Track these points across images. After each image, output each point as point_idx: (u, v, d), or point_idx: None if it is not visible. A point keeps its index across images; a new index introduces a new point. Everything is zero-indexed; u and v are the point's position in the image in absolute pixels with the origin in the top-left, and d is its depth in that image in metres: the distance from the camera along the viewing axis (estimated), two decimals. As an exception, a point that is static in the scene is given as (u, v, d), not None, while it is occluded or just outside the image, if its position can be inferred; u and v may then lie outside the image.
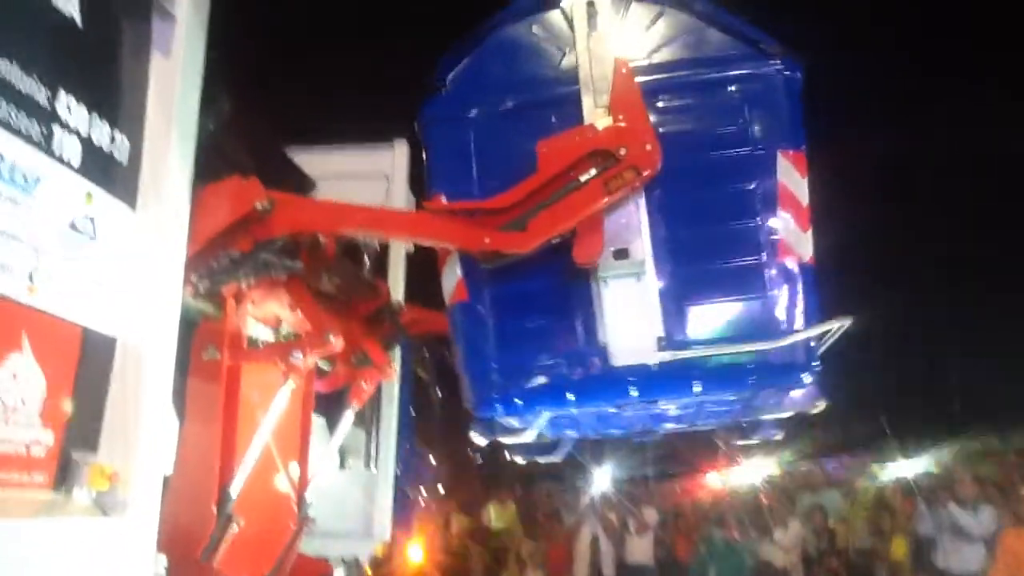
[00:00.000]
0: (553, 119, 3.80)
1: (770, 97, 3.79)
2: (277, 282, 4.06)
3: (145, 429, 2.72)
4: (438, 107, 4.09)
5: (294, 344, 4.20)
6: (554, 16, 3.94)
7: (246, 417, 3.98)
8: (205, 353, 3.87)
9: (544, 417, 3.98)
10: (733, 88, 3.81)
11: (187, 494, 3.71)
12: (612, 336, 3.73)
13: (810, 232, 3.81)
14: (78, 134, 2.56)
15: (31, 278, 2.36)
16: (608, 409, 4.07)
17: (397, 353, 5.56)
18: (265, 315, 4.40)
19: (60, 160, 2.48)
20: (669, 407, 4.18)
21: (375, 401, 6.22)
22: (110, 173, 2.69)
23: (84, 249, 2.57)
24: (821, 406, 3.96)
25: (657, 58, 3.86)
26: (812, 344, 3.75)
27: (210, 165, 3.46)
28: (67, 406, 2.50)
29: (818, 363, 3.76)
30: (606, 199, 3.61)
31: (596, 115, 3.76)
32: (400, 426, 6.31)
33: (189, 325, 3.79)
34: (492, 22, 4.03)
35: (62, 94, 2.50)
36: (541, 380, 3.85)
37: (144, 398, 2.73)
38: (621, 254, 3.70)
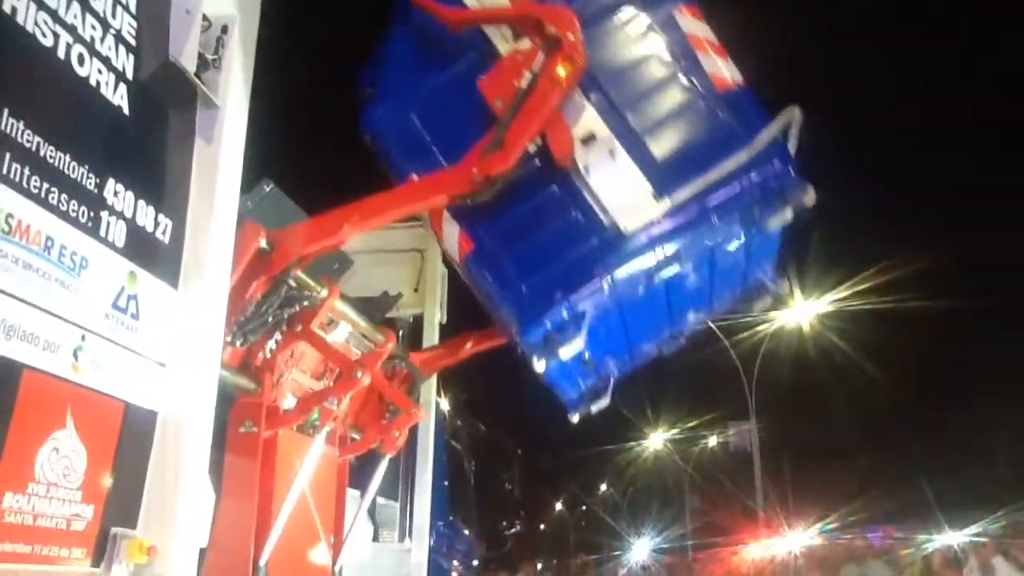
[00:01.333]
0: (479, 70, 4.18)
1: None
2: (297, 336, 4.20)
3: (183, 502, 2.76)
4: (373, 108, 4.49)
5: (328, 391, 4.25)
6: None
7: (281, 490, 4.02)
8: (242, 427, 3.94)
9: (588, 318, 4.17)
10: None
11: (222, 567, 3.73)
12: (614, 211, 4.06)
13: (730, 59, 4.30)
14: (124, 217, 2.67)
15: (76, 356, 2.45)
16: (639, 288, 4.29)
17: (432, 390, 5.68)
18: (292, 389, 4.47)
19: (106, 242, 2.59)
20: (688, 268, 4.38)
21: (408, 473, 6.24)
22: (153, 254, 2.80)
23: (127, 327, 2.65)
24: (812, 194, 4.17)
25: None
26: (780, 140, 4.15)
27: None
28: (107, 480, 2.56)
29: (791, 154, 4.16)
30: (558, 92, 3.95)
31: (511, 43, 4.16)
32: (434, 498, 6.29)
33: (226, 400, 3.86)
34: (391, 24, 4.46)
35: (110, 180, 2.62)
36: (573, 281, 4.09)
37: (183, 471, 2.77)
38: (588, 139, 4.06)
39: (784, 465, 29.06)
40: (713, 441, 33.00)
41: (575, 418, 5.32)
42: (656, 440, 35.13)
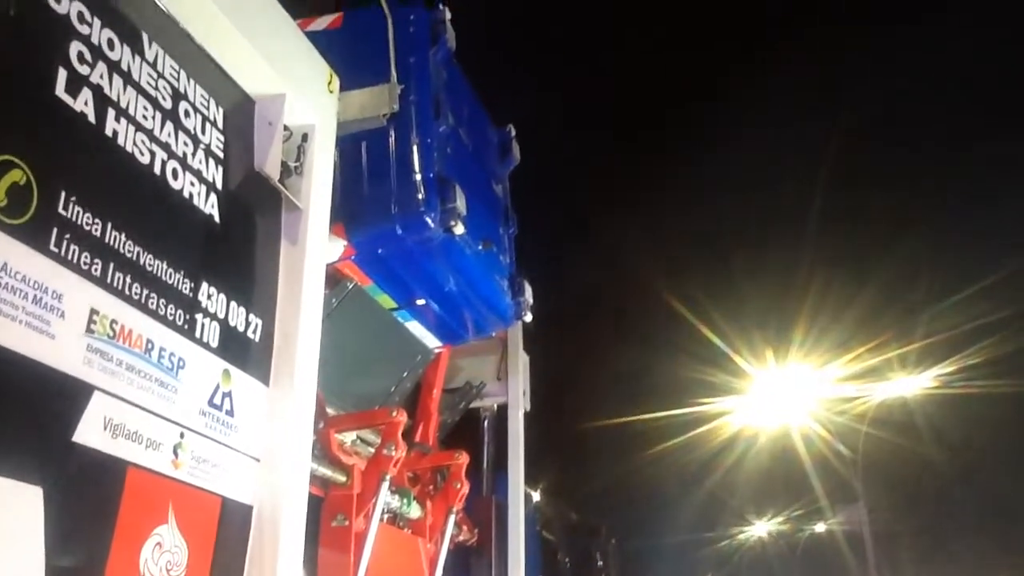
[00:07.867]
0: None
1: None
2: None
3: (280, 596, 2.80)
4: None
5: (380, 447, 4.20)
6: None
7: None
8: (334, 520, 3.99)
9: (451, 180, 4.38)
10: None
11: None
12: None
13: None
14: (217, 318, 2.82)
15: (175, 452, 2.56)
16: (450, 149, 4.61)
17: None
18: None
19: (201, 343, 2.73)
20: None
21: (501, 567, 6.17)
22: (245, 353, 2.93)
23: (222, 423, 2.77)
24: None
25: None
26: None
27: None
28: (208, 574, 2.63)
29: None
30: None
31: None
32: (529, 590, 6.18)
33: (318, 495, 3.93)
34: None
35: (204, 284, 2.78)
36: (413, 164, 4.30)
37: (280, 565, 2.82)
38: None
39: (901, 553, 27.53)
40: (821, 527, 31.59)
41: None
42: (760, 528, 33.79)
